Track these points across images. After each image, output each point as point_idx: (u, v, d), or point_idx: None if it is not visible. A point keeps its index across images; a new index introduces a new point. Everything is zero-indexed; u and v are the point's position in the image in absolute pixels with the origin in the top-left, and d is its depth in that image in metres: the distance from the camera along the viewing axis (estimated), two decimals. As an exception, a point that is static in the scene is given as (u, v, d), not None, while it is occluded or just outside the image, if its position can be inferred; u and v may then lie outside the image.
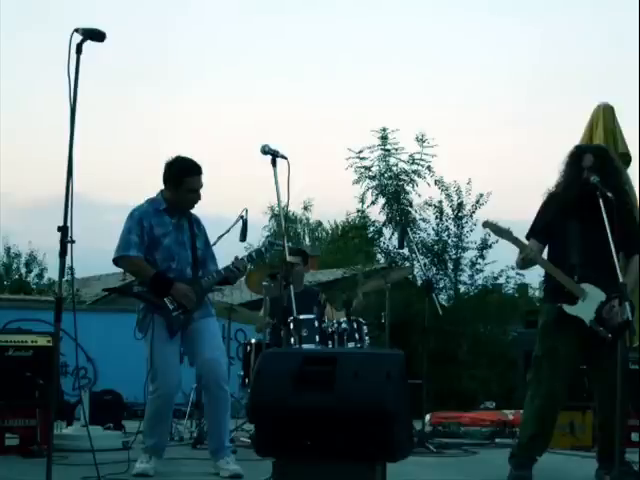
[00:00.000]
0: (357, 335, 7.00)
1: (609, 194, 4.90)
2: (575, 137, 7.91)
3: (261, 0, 49.25)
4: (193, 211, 5.55)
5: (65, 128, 4.03)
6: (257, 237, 30.97)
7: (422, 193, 17.40)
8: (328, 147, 45.67)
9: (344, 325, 6.96)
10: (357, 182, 17.25)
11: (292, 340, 6.23)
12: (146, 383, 5.36)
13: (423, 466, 5.99)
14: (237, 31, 50.95)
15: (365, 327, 7.12)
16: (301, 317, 6.45)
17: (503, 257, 16.96)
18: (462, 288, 18.09)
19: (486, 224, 5.20)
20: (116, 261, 5.41)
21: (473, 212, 17.33)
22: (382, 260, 18.01)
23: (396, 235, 16.36)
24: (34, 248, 29.68)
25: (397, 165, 17.29)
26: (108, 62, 27.75)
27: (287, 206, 5.95)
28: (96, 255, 16.09)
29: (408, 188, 17.32)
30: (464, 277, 17.96)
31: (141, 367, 5.59)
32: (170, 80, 48.07)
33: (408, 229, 12.98)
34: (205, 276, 5.48)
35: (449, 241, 17.56)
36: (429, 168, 17.18)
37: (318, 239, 39.02)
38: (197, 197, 5.46)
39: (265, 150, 5.51)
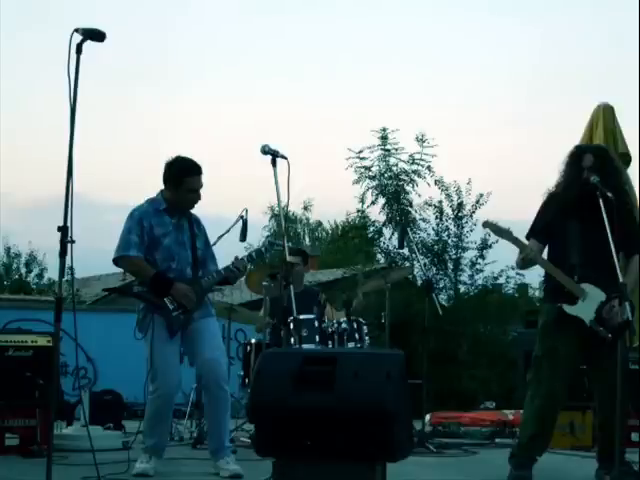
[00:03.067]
0: (357, 335, 6.99)
1: (609, 194, 4.90)
2: (575, 137, 7.92)
3: (261, 0, 49.30)
4: (193, 211, 5.55)
5: (65, 128, 4.04)
6: (257, 237, 31.00)
7: (422, 193, 17.44)
8: (328, 147, 45.73)
9: (344, 325, 6.96)
10: (357, 182, 17.27)
11: (292, 340, 6.23)
12: (146, 383, 5.36)
13: (423, 466, 5.99)
14: (237, 31, 51.01)
15: (365, 327, 7.11)
16: (301, 317, 6.45)
17: (503, 257, 16.99)
18: (462, 288, 18.09)
19: (486, 224, 5.20)
20: (116, 261, 5.41)
21: (473, 212, 17.34)
22: (382, 260, 18.01)
23: (396, 235, 16.35)
24: (34, 248, 29.73)
25: (397, 165, 17.30)
26: (108, 62, 27.78)
27: (287, 206, 5.95)
28: (96, 255, 16.11)
29: (408, 188, 17.33)
30: (464, 277, 17.99)
31: (141, 367, 5.59)
32: (170, 80, 48.13)
33: (408, 229, 12.98)
34: (205, 276, 5.48)
35: (449, 241, 17.56)
36: (429, 168, 17.20)
37: (318, 239, 39.00)
38: (197, 197, 5.46)
39: (265, 150, 5.51)
